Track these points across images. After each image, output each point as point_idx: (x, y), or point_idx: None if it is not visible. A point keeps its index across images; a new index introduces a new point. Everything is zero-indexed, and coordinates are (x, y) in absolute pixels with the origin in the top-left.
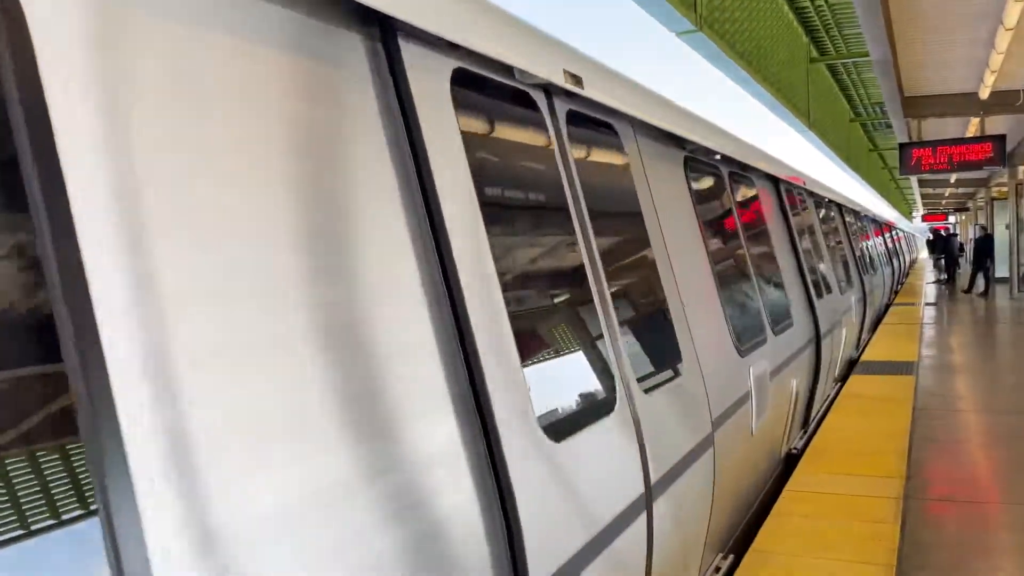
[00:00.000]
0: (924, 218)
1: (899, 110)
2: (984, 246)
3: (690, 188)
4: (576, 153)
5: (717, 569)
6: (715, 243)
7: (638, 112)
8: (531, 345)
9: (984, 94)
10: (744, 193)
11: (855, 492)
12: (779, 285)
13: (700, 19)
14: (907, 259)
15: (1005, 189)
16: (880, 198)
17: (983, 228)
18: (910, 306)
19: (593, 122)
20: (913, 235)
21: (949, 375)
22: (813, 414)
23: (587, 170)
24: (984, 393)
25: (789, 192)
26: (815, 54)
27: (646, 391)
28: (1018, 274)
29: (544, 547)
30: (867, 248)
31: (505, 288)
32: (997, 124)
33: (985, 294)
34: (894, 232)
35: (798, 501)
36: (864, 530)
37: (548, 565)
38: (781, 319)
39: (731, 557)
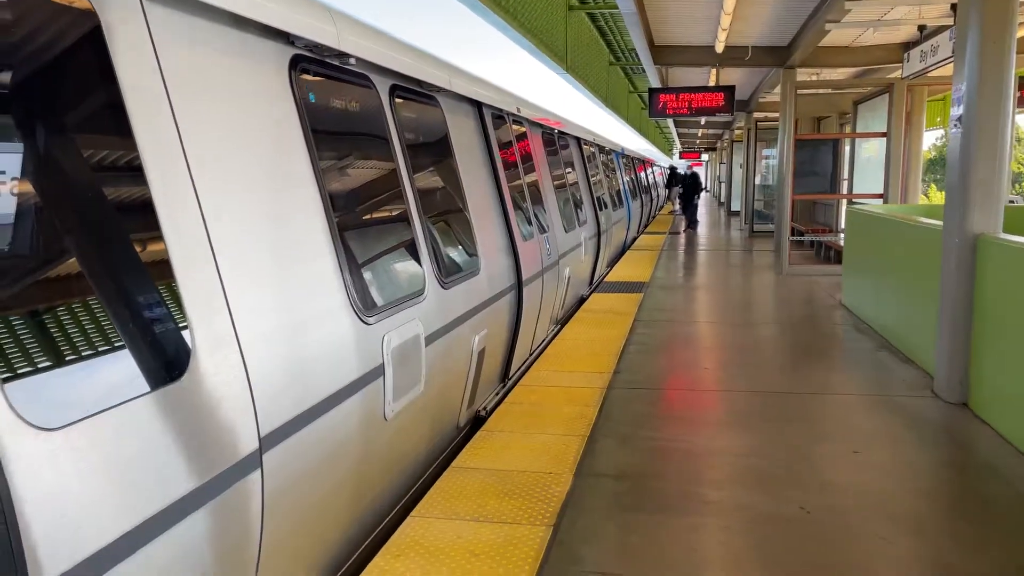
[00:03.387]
0: (682, 155)
1: (649, 58)
2: (691, 184)
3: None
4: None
5: None
6: (344, 176)
7: None
8: None
9: (719, 48)
10: (405, 114)
11: (573, 384)
12: (460, 226)
13: None
14: (662, 193)
15: (742, 132)
16: (640, 136)
17: (691, 169)
18: (659, 235)
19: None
20: (674, 169)
21: (671, 293)
22: (516, 366)
23: None
24: (696, 306)
25: (500, 120)
26: (574, 2)
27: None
28: (748, 209)
29: None
30: (611, 184)
31: None
32: (732, 75)
33: (692, 228)
34: (651, 169)
35: (528, 392)
36: (572, 412)
37: None
38: (457, 269)
39: None
